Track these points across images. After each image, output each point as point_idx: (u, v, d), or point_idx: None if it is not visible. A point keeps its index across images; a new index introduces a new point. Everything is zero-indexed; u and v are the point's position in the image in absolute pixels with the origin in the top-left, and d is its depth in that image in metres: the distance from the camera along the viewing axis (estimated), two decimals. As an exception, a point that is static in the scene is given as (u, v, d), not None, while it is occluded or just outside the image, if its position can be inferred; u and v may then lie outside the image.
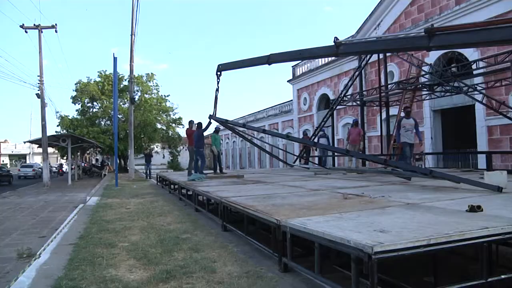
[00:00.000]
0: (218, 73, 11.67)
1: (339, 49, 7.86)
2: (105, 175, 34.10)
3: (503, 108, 13.52)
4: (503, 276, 3.74)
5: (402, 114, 13.44)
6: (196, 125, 13.63)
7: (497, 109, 13.26)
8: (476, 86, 14.57)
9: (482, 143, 16.25)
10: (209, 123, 12.64)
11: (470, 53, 16.41)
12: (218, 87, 11.88)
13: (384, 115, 18.77)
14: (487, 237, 3.50)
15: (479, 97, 14.21)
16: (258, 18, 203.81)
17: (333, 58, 26.40)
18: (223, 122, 12.07)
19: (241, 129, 14.23)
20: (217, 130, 15.21)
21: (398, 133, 11.84)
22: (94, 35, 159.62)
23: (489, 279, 3.51)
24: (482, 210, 4.39)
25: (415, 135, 12.03)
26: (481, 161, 15.32)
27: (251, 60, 10.59)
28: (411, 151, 11.88)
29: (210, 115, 11.98)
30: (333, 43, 7.88)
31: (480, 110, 16.12)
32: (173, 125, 43.30)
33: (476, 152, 16.60)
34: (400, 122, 11.84)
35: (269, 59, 9.71)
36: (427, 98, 17.86)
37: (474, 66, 14.39)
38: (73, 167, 30.99)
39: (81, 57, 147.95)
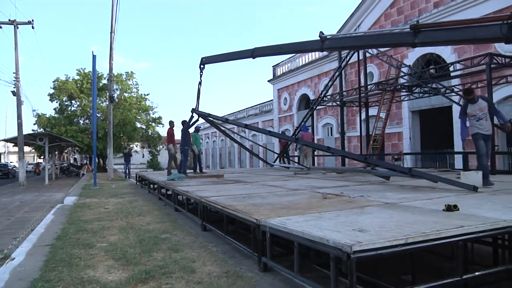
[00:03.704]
0: (201, 66, 11.56)
1: (324, 44, 7.87)
2: (83, 174, 33.63)
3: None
4: (477, 273, 3.82)
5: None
6: (181, 123, 13.61)
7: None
8: (453, 87, 14.85)
9: (459, 144, 16.52)
10: (191, 117, 12.57)
11: (448, 55, 16.71)
12: (201, 80, 11.80)
13: (363, 116, 18.99)
14: (463, 236, 3.56)
15: (456, 98, 14.47)
16: (241, 18, 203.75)
17: (313, 58, 26.67)
18: (205, 116, 11.99)
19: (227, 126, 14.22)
20: (197, 129, 15.16)
21: (463, 127, 8.00)
22: (73, 33, 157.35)
23: (464, 277, 3.57)
24: (458, 209, 4.47)
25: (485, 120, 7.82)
26: (458, 161, 15.61)
27: (235, 53, 10.54)
28: (488, 146, 7.87)
29: (192, 108, 11.91)
30: (318, 38, 7.89)
31: (457, 111, 16.36)
32: (153, 124, 42.96)
33: (453, 152, 16.91)
34: (464, 110, 7.92)
35: (254, 53, 9.66)
36: (406, 99, 18.14)
37: (451, 68, 14.66)
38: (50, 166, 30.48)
39: (59, 54, 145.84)
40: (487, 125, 7.71)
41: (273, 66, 32.98)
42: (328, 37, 7.88)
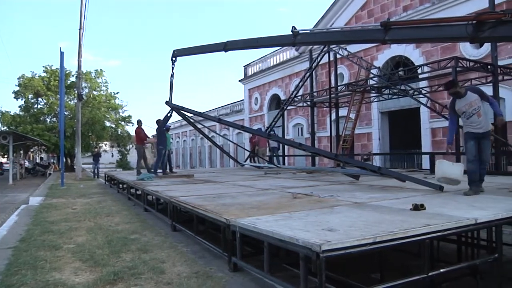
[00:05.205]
0: (173, 58, 11.51)
1: (296, 38, 7.89)
2: (50, 174, 32.81)
3: (446, 111, 14.12)
4: (442, 270, 3.93)
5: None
6: (156, 122, 13.53)
7: (440, 112, 13.86)
8: (421, 89, 15.18)
9: (426, 144, 16.98)
10: (168, 113, 12.50)
11: (416, 58, 17.10)
12: (173, 73, 11.75)
13: (333, 116, 19.19)
14: (429, 234, 3.64)
15: (424, 100, 14.80)
16: (213, 19, 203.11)
17: (285, 59, 26.81)
18: (178, 109, 11.88)
19: (200, 121, 14.12)
20: (167, 129, 15.03)
21: (451, 127, 6.86)
22: (40, 28, 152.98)
23: (430, 274, 3.66)
24: (425, 209, 4.57)
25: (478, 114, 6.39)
26: (425, 161, 15.96)
27: (208, 46, 10.49)
28: (484, 145, 6.50)
29: (166, 101, 11.81)
30: (290, 33, 7.91)
31: (424, 113, 16.84)
32: (122, 123, 42.34)
33: (421, 153, 17.31)
34: (452, 107, 6.65)
35: (226, 46, 9.62)
36: (376, 100, 18.43)
37: (419, 71, 14.98)
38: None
39: (25, 50, 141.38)
40: (480, 121, 6.38)
41: (244, 66, 33.02)
42: (300, 32, 7.90)
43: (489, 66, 12.71)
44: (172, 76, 11.80)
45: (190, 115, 12.51)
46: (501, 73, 12.93)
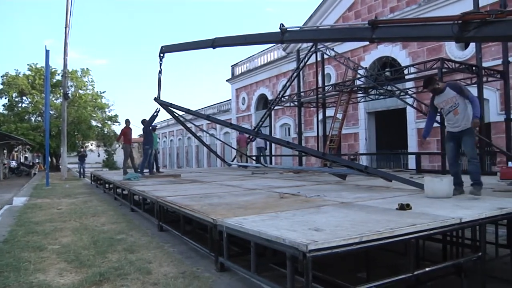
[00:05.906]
0: (161, 54, 11.47)
1: (284, 36, 7.87)
2: (35, 174, 32.42)
3: (431, 111, 14.28)
4: (427, 269, 3.96)
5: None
6: (141, 122, 13.44)
7: (426, 112, 13.97)
8: (407, 90, 15.31)
9: (412, 144, 17.13)
10: (154, 112, 12.44)
11: (403, 59, 17.24)
12: (161, 69, 11.69)
13: (320, 116, 19.28)
14: (415, 233, 3.67)
15: (410, 100, 14.93)
16: (201, 18, 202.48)
17: (272, 59, 26.85)
18: (166, 106, 11.82)
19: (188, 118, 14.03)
20: (154, 128, 14.96)
21: (428, 122, 6.81)
22: (24, 25, 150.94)
23: (416, 272, 3.69)
24: (410, 208, 4.60)
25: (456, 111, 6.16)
26: (412, 161, 16.11)
27: (196, 43, 10.47)
28: (465, 143, 6.23)
29: (155, 97, 11.74)
30: (278, 30, 7.90)
31: (411, 113, 16.99)
32: (109, 122, 42.06)
33: (407, 153, 17.46)
34: (431, 102, 6.62)
35: (214, 43, 9.59)
36: (362, 100, 18.55)
37: (406, 71, 15.11)
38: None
39: (9, 47, 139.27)
40: (457, 119, 6.14)
41: (231, 66, 33.00)
42: (288, 29, 7.89)
43: (473, 68, 12.88)
44: (160, 72, 11.76)
45: (179, 112, 12.45)
46: (485, 74, 13.11)
